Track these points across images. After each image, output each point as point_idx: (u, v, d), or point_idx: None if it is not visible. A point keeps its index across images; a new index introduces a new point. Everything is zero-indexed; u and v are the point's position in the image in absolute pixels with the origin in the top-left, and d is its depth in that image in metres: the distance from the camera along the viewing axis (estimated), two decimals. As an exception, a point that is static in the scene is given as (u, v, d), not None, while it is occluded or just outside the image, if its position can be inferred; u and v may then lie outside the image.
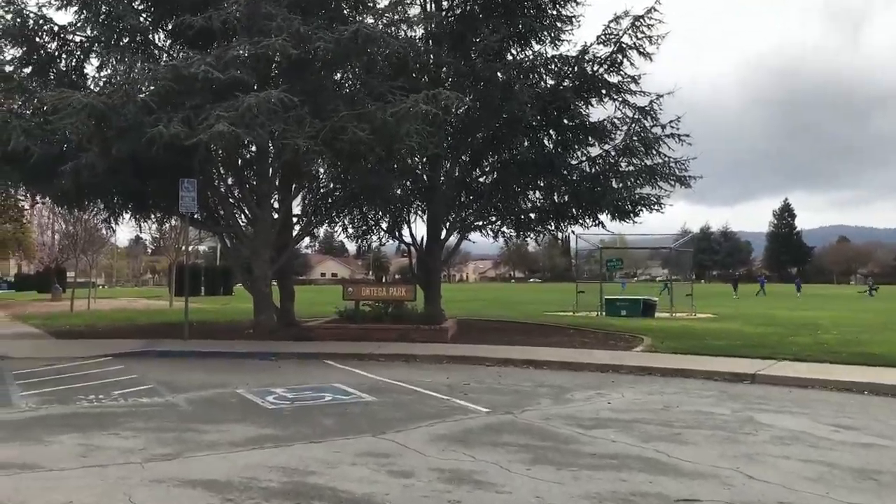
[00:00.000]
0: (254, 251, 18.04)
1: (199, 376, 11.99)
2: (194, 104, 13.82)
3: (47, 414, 8.92)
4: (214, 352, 14.60)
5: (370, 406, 9.56)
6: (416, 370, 12.89)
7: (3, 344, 15.95)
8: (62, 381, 11.32)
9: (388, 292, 17.03)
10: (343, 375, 12.23)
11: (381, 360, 13.88)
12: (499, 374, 12.49)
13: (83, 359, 13.89)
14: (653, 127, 20.78)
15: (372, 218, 23.16)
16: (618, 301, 29.12)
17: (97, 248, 39.76)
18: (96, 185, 15.53)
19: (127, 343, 15.91)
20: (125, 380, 11.62)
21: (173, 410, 9.21)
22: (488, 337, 17.67)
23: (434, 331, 16.31)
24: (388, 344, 15.32)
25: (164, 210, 20.86)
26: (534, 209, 24.08)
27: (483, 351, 14.57)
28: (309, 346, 15.13)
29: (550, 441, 7.69)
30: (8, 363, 13.42)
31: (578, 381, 11.75)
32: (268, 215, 18.21)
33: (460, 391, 10.70)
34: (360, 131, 14.09)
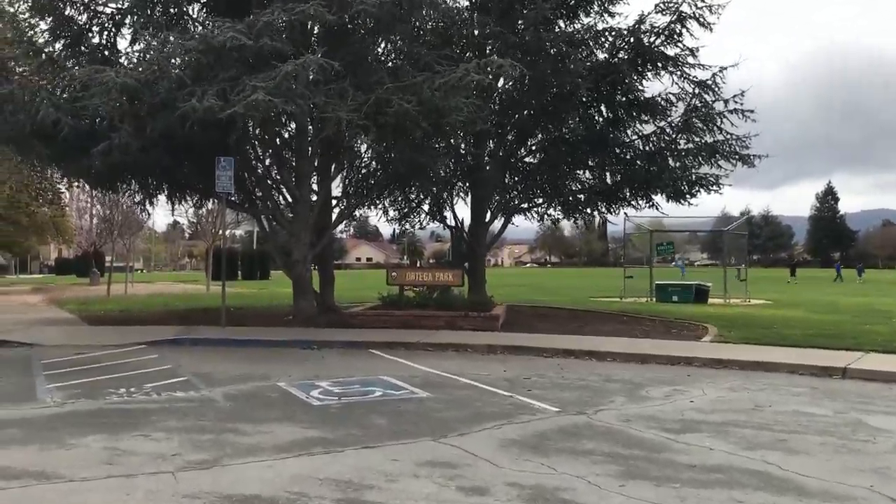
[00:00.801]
0: (293, 234, 17.19)
1: (237, 367, 11.16)
2: (229, 76, 12.93)
3: (73, 410, 8.12)
4: (253, 340, 13.78)
5: (425, 403, 8.62)
6: (470, 361, 11.92)
7: (36, 331, 15.33)
8: (92, 373, 10.56)
9: (435, 277, 16.08)
10: (391, 367, 11.31)
11: (429, 350, 12.94)
12: (559, 366, 11.48)
13: (116, 347, 13.16)
14: (714, 102, 19.46)
15: (414, 199, 22.20)
16: (669, 286, 27.88)
17: (134, 231, 39.42)
18: (130, 165, 14.74)
19: (162, 330, 15.18)
20: (159, 371, 10.83)
21: (210, 407, 8.36)
22: (540, 325, 16.65)
23: (484, 318, 15.33)
24: (435, 332, 14.38)
25: (201, 192, 20.12)
26: (582, 190, 22.93)
27: (539, 340, 13.56)
28: (352, 335, 14.25)
29: (638, 448, 6.67)
30: (38, 351, 12.74)
31: (649, 376, 10.69)
32: (307, 196, 17.33)
33: (522, 386, 9.72)
34: (406, 103, 13.09)
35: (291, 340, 13.62)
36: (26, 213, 38.75)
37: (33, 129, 14.10)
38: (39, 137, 14.40)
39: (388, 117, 13.46)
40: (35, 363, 11.49)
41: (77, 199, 47.36)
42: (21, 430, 7.18)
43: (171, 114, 12.91)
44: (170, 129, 13.34)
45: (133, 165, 14.77)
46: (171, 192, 19.57)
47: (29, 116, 13.88)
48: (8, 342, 13.48)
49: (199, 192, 20.00)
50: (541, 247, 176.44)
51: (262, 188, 18.48)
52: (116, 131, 13.42)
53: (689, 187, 20.90)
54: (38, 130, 14.16)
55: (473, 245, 21.58)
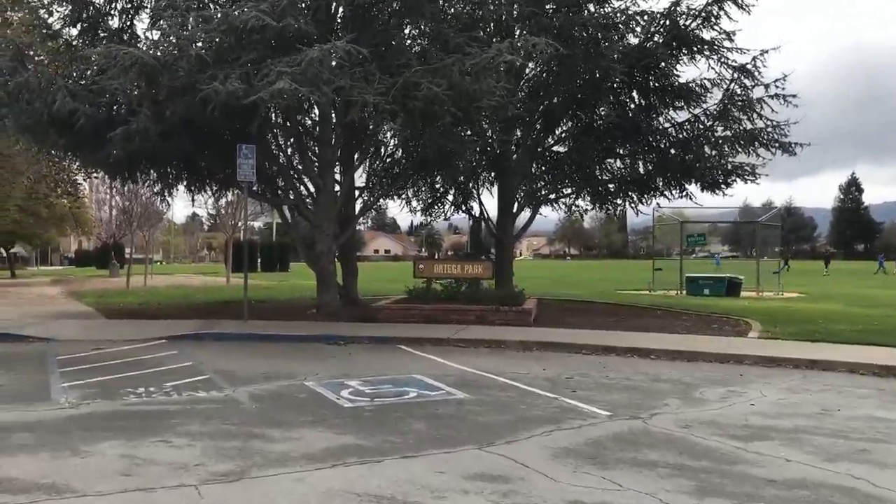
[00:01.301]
0: (316, 225, 16.62)
1: (261, 364, 10.60)
2: (252, 59, 12.35)
3: (89, 412, 7.58)
4: (276, 335, 13.23)
5: (465, 406, 8.00)
6: (505, 359, 11.29)
7: (53, 325, 14.86)
8: (109, 370, 10.03)
9: (464, 270, 15.43)
10: (423, 365, 10.70)
11: (461, 346, 12.32)
12: (601, 364, 10.82)
13: (134, 342, 12.64)
14: (754, 87, 18.65)
15: (440, 189, 21.58)
16: (700, 279, 27.09)
17: (153, 223, 39.10)
18: (149, 152, 14.20)
19: (182, 324, 14.66)
20: (179, 368, 10.29)
21: (234, 408, 7.79)
22: (573, 319, 15.97)
23: (515, 312, 14.68)
24: (466, 327, 13.76)
25: (221, 182, 19.60)
26: (612, 179, 22.22)
27: (575, 336, 12.90)
28: (379, 329, 13.66)
29: (706, 460, 6.03)
30: (54, 346, 12.25)
31: (700, 375, 10.02)
32: (331, 186, 16.75)
33: (565, 387, 9.08)
34: (436, 87, 12.45)
35: (316, 335, 13.05)
36: (45, 204, 38.52)
37: (50, 118, 13.60)
38: (56, 126, 13.90)
39: (417, 101, 12.83)
40: (50, 359, 10.99)
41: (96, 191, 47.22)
42: (32, 435, 6.63)
43: (192, 98, 12.36)
44: (190, 113, 12.81)
45: (152, 153, 14.25)
46: (191, 182, 19.08)
47: (45, 105, 13.38)
48: (24, 337, 13.01)
49: (218, 181, 19.49)
50: (560, 239, 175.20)
51: (284, 177, 17.94)
52: (135, 116, 12.88)
53: (724, 177, 20.17)
54: (54, 119, 13.67)
55: (500, 236, 20.94)
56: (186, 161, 16.95)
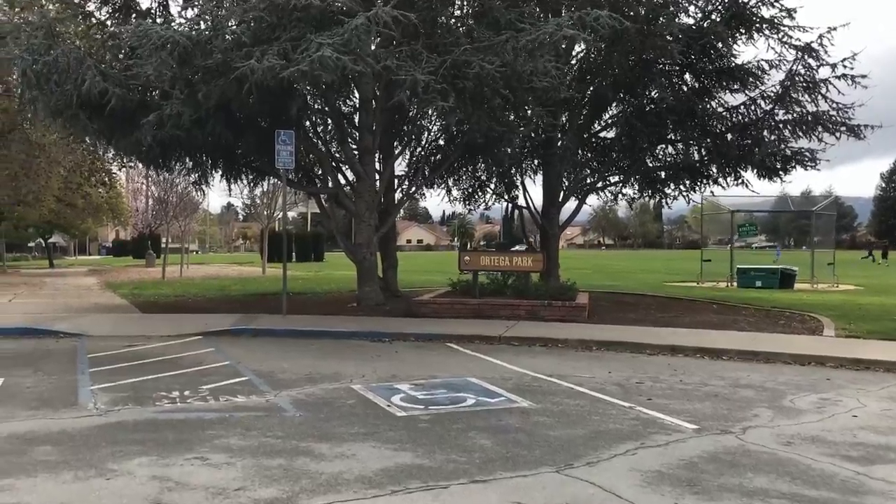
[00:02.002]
0: (357, 214, 15.89)
1: (303, 363, 9.88)
2: (291, 36, 11.58)
3: (118, 421, 6.89)
4: (317, 331, 12.48)
5: (530, 416, 7.17)
6: (564, 360, 10.44)
7: (86, 319, 14.30)
8: (142, 370, 9.38)
9: (513, 262, 14.56)
10: (476, 366, 9.90)
11: (514, 345, 11.49)
12: (671, 366, 9.92)
13: (169, 338, 12.01)
14: (819, 67, 17.49)
15: (484, 176, 20.75)
16: (752, 270, 25.91)
17: (189, 213, 38.80)
18: (183, 140, 13.53)
19: (218, 319, 14.01)
20: (216, 368, 9.60)
21: (277, 417, 7.05)
22: (628, 315, 15.05)
23: (568, 307, 13.80)
24: (518, 324, 12.92)
25: (257, 170, 18.95)
26: (663, 167, 21.18)
27: (636, 334, 12.00)
28: (425, 325, 12.88)
29: (826, 488, 5.15)
30: (86, 342, 11.65)
31: (783, 380, 9.08)
32: (371, 174, 16.01)
33: (638, 393, 8.21)
34: (489, 65, 11.60)
35: (360, 332, 12.31)
36: (81, 194, 38.39)
37: (80, 101, 13.01)
38: (87, 110, 13.31)
39: (468, 81, 12.00)
40: (81, 357, 10.38)
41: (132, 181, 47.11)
42: (55, 449, 5.95)
43: (228, 79, 11.65)
44: (225, 97, 12.13)
45: (186, 140, 13.59)
46: (227, 171, 18.44)
47: (75, 87, 12.78)
48: (55, 332, 12.43)
49: (255, 170, 18.85)
50: (594, 229, 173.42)
51: (322, 165, 17.24)
52: (168, 99, 12.23)
53: (783, 163, 19.09)
54: (84, 102, 13.08)
55: (546, 227, 20.03)
56: (222, 149, 16.30)
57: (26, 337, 12.26)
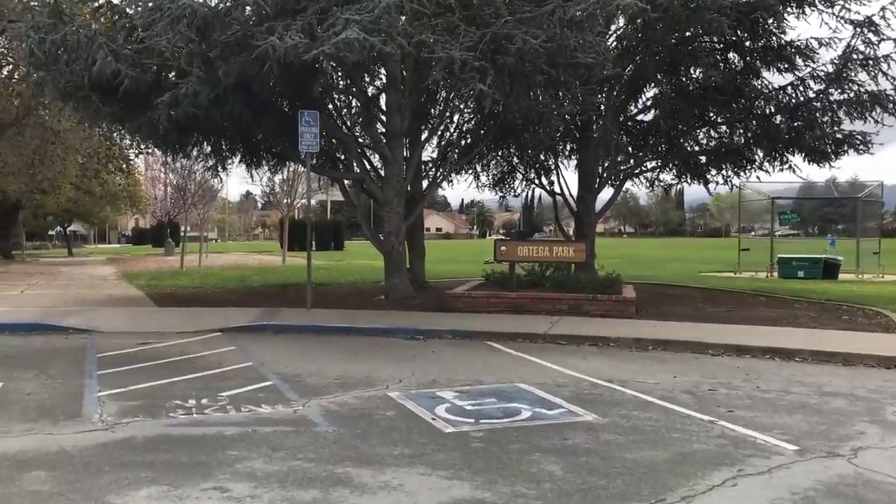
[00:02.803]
0: (385, 202, 14.94)
1: (332, 365, 8.96)
2: (319, 8, 10.61)
3: (126, 437, 6.00)
4: (345, 327, 11.55)
5: (599, 433, 6.20)
6: (620, 361, 9.44)
7: (98, 313, 13.47)
8: (156, 372, 8.51)
9: (553, 252, 13.55)
10: (524, 369, 8.93)
11: (561, 344, 10.49)
12: (741, 370, 8.89)
13: (186, 335, 11.13)
14: (880, 42, 16.26)
15: (515, 161, 19.73)
16: (794, 260, 24.69)
17: (207, 201, 38.06)
18: (200, 121, 12.62)
19: (239, 313, 13.12)
20: (237, 370, 8.71)
21: (308, 434, 6.12)
22: (675, 309, 14.00)
23: (614, 302, 12.77)
24: (561, 320, 11.92)
25: (277, 156, 18.04)
26: (704, 151, 20.05)
27: (694, 332, 10.97)
28: (460, 321, 11.92)
29: None
30: (96, 340, 10.81)
31: (872, 386, 8.03)
32: (400, 159, 15.03)
33: (715, 403, 7.21)
34: (533, 39, 10.57)
35: (391, 328, 11.35)
36: (99, 181, 37.76)
37: (91, 82, 12.13)
38: (98, 91, 12.42)
39: (508, 57, 10.97)
40: (89, 357, 9.52)
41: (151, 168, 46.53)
42: (50, 476, 5.05)
43: (248, 56, 10.71)
44: (245, 75, 11.20)
45: (204, 121, 12.69)
46: (247, 156, 17.55)
47: (85, 66, 11.90)
48: (64, 328, 11.59)
49: (275, 155, 17.94)
50: (615, 216, 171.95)
51: (347, 150, 16.28)
52: (184, 77, 11.33)
53: (835, 146, 17.88)
54: (96, 83, 12.20)
55: (582, 214, 18.97)
56: (241, 132, 15.42)
57: (34, 333, 11.44)
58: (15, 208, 40.75)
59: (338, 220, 66.12)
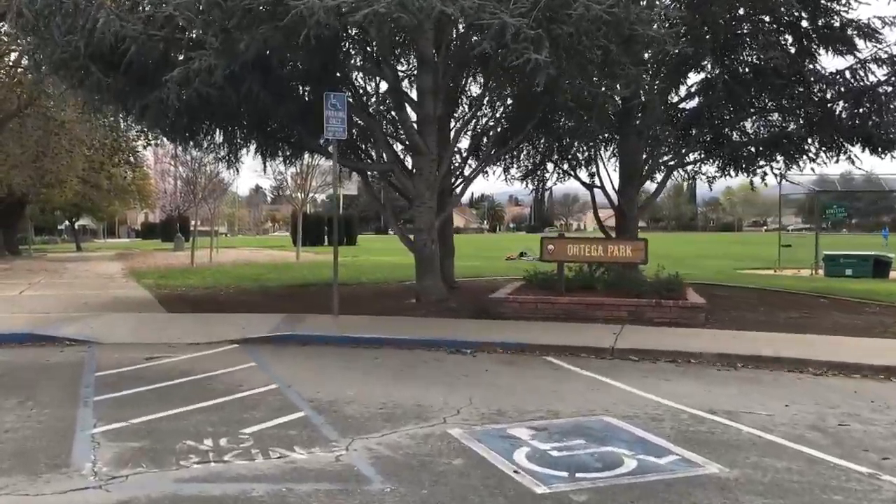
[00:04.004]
0: (416, 195, 13.53)
1: (372, 389, 7.55)
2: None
3: (124, 501, 4.61)
4: (379, 338, 10.10)
5: (736, 494, 4.74)
6: (710, 383, 7.98)
7: (99, 320, 12.05)
8: (163, 398, 7.12)
9: (608, 252, 12.09)
10: (600, 394, 7.48)
11: (634, 360, 9.04)
12: (859, 394, 7.42)
13: (198, 347, 9.75)
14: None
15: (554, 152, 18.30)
16: (841, 258, 23.20)
17: (218, 195, 36.70)
18: (214, 100, 11.14)
19: (257, 320, 11.71)
20: (260, 395, 7.30)
21: (359, 497, 4.69)
22: (745, 315, 12.47)
23: (680, 308, 11.29)
24: (623, 329, 10.47)
25: (294, 146, 16.59)
26: (752, 141, 18.57)
27: (783, 345, 9.48)
28: (510, 331, 10.49)
29: None
30: (96, 353, 9.44)
31: None
32: (433, 147, 13.61)
33: (856, 444, 5.76)
34: (597, 4, 9.13)
35: (432, 340, 9.91)
36: (106, 175, 36.47)
37: (90, 51, 10.75)
38: (98, 62, 11.01)
39: (566, 27, 9.52)
40: (87, 376, 8.15)
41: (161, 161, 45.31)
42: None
43: (273, 26, 9.30)
44: (267, 47, 9.78)
45: (218, 102, 11.25)
46: (262, 145, 16.11)
47: (83, 33, 10.51)
48: (60, 339, 10.21)
49: (292, 145, 16.49)
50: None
51: (374, 137, 14.82)
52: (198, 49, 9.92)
53: (897, 135, 16.40)
54: (96, 53, 10.82)
55: (623, 208, 17.51)
56: (257, 118, 14.02)
57: (26, 345, 10.07)
58: (21, 203, 39.53)
59: (350, 214, 64.76)
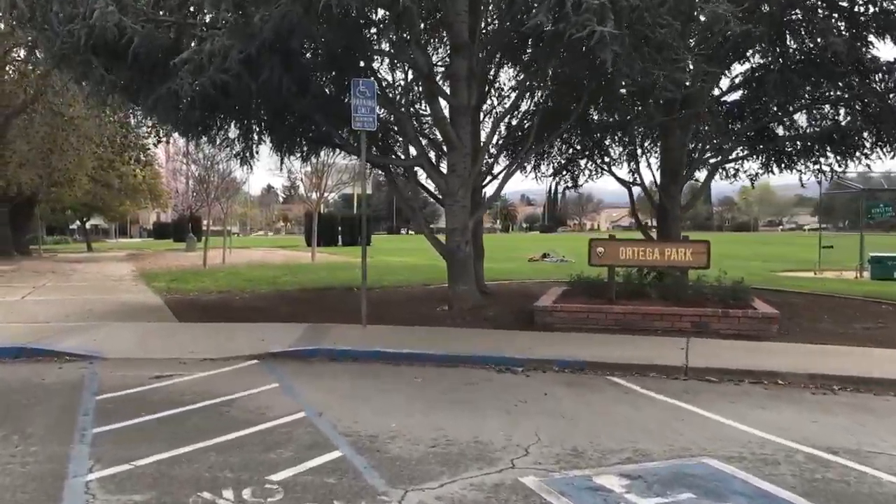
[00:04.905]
0: (449, 193, 12.43)
1: (417, 418, 6.42)
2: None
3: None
4: (416, 354, 8.94)
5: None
6: (813, 411, 6.78)
7: (104, 330, 10.94)
8: (174, 431, 6.02)
9: (664, 255, 10.92)
10: (690, 427, 6.30)
11: (712, 382, 7.84)
12: None
13: (213, 364, 8.65)
14: None
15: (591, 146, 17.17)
16: (888, 260, 21.90)
17: (231, 195, 35.69)
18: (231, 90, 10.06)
19: (277, 331, 10.59)
20: (287, 427, 6.18)
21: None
22: (817, 325, 11.26)
23: (750, 318, 10.07)
24: (691, 343, 9.27)
25: (312, 140, 15.48)
26: (800, 136, 17.35)
27: (876, 362, 8.31)
28: (561, 345, 9.33)
29: None
30: (98, 370, 8.36)
31: None
32: (467, 140, 12.51)
33: None
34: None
35: (476, 356, 8.76)
36: (116, 173, 35.53)
37: (92, 43, 9.69)
38: (102, 54, 9.96)
39: (626, 1, 8.39)
40: (85, 400, 7.06)
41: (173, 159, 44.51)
42: None
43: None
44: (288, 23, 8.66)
45: (235, 90, 10.15)
46: (281, 140, 15.01)
47: (84, 22, 9.46)
48: (59, 353, 9.14)
49: (310, 139, 15.38)
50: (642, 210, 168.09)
51: (402, 129, 13.70)
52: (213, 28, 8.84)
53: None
54: (98, 44, 9.76)
55: (666, 206, 16.33)
56: (275, 109, 12.93)
57: (21, 360, 9.02)
58: (30, 203, 38.66)
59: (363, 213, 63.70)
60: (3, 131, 27.62)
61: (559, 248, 37.09)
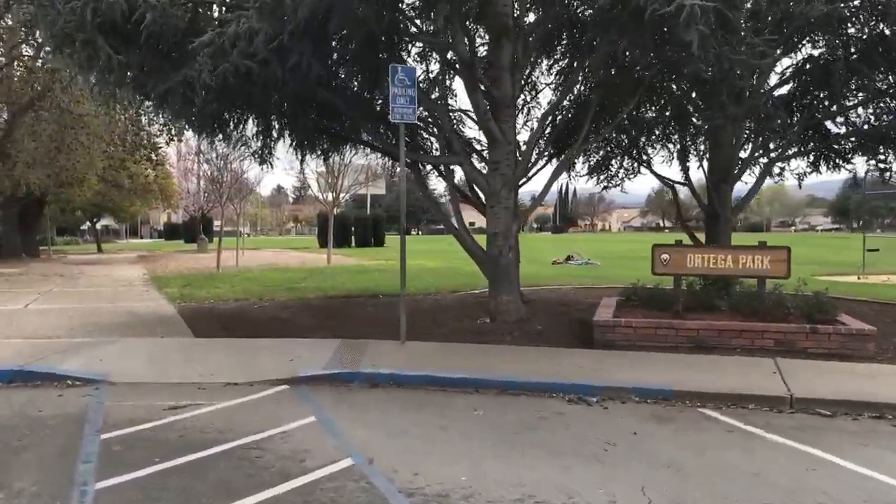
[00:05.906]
0: (491, 193, 11.29)
1: (493, 467, 5.27)
2: None
3: None
4: (472, 380, 7.77)
5: None
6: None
7: (112, 348, 9.82)
8: (192, 484, 4.89)
9: (738, 263, 9.73)
10: (831, 482, 5.12)
11: (825, 415, 6.66)
12: None
13: (236, 391, 7.51)
14: None
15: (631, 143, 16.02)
16: (942, 264, 20.68)
17: (244, 195, 34.65)
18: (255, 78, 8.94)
19: (306, 348, 9.44)
20: (332, 480, 5.03)
21: None
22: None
23: (842, 336, 8.88)
24: (784, 366, 8.09)
25: (337, 136, 14.32)
26: (853, 133, 16.12)
27: None
28: (633, 368, 8.15)
29: None
30: (104, 398, 7.24)
31: None
32: (510, 136, 11.38)
33: None
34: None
35: (538, 383, 7.59)
36: (126, 173, 34.53)
37: (98, 21, 8.61)
38: (108, 34, 8.86)
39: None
40: (87, 440, 5.94)
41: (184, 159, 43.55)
42: None
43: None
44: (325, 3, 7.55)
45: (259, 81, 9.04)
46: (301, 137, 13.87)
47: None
48: (60, 377, 8.03)
49: (332, 135, 14.21)
50: (653, 210, 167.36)
51: (439, 123, 12.54)
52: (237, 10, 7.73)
53: None
54: (105, 24, 8.68)
55: (715, 208, 15.13)
56: (298, 101, 11.80)
57: (16, 385, 7.92)
58: (39, 203, 37.73)
59: (378, 214, 62.70)
60: (10, 129, 26.69)
61: (581, 250, 35.93)
